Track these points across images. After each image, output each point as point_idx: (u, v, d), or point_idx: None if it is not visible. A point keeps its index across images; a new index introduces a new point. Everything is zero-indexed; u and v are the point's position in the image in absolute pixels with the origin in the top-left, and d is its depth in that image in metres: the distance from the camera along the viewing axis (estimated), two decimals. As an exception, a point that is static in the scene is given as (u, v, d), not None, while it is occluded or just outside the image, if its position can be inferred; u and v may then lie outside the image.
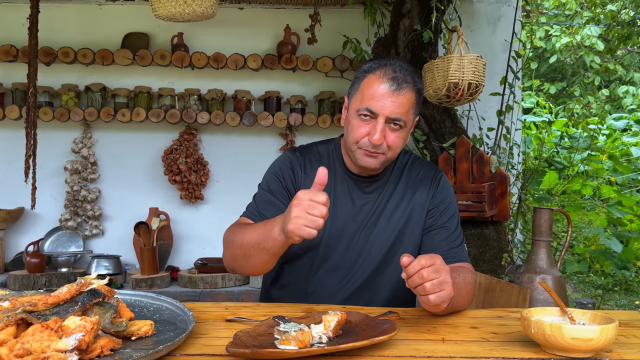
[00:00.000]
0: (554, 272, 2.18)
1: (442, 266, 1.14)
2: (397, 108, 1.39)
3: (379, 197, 1.55)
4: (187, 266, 3.53)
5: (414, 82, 1.43)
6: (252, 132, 3.65)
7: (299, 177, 1.55)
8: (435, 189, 1.57)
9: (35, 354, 0.83)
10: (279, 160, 1.60)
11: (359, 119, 1.42)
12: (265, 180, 1.58)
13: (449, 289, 1.13)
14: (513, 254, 3.27)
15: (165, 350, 0.93)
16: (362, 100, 1.42)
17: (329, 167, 1.56)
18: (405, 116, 1.41)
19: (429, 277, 1.11)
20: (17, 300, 1.01)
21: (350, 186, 1.55)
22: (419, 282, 1.12)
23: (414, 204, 1.55)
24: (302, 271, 1.55)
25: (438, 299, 1.12)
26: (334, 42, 3.46)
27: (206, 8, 2.54)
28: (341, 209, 1.53)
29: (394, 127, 1.41)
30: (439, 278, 1.12)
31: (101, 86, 3.49)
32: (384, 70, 1.41)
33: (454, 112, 3.23)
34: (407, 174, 1.58)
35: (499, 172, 3.08)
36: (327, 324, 1.03)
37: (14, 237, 3.58)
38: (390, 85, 1.39)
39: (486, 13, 3.66)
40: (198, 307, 1.34)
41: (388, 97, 1.39)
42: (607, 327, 0.99)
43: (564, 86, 8.38)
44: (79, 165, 3.52)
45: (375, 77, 1.41)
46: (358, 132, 1.43)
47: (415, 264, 1.12)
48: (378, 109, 1.39)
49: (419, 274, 1.12)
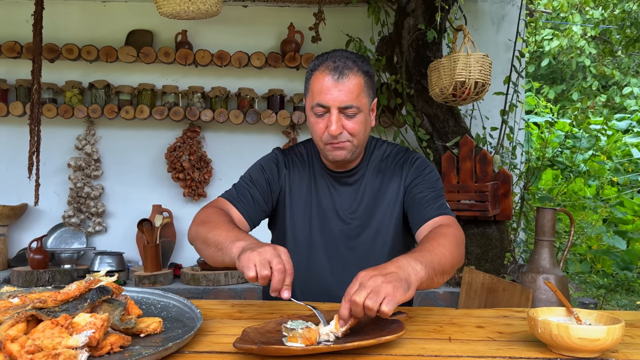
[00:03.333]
0: (556, 271, 2.18)
1: (367, 277, 1.05)
2: (345, 96, 1.41)
3: (359, 189, 1.58)
4: (189, 263, 3.54)
5: (358, 66, 1.44)
6: (256, 130, 3.65)
7: (282, 173, 1.60)
8: (410, 168, 1.57)
9: (47, 350, 0.84)
10: (265, 157, 1.66)
11: (315, 116, 1.46)
12: (248, 172, 1.63)
13: (390, 288, 1.02)
14: (515, 254, 3.27)
15: (174, 347, 0.93)
16: (312, 97, 1.46)
17: (309, 165, 1.62)
18: (356, 101, 1.43)
19: (362, 297, 1.01)
20: (27, 297, 1.02)
21: (330, 182, 1.59)
22: (360, 311, 1.01)
23: (391, 190, 1.57)
24: (296, 268, 1.56)
25: (390, 305, 1.00)
26: (338, 41, 3.46)
27: (210, 6, 2.55)
28: (324, 205, 1.57)
29: (349, 115, 1.43)
30: (372, 289, 1.02)
31: (105, 83, 3.49)
32: (325, 64, 1.44)
33: (457, 112, 3.23)
34: (385, 163, 1.60)
35: (502, 172, 3.08)
36: (338, 325, 1.03)
37: (18, 233, 3.58)
38: (333, 75, 1.41)
39: (490, 12, 3.66)
40: (204, 305, 1.34)
41: (334, 88, 1.41)
42: (614, 328, 0.99)
43: (563, 89, 8.39)
44: (83, 162, 3.53)
45: (319, 73, 1.44)
46: (317, 128, 1.46)
47: (343, 302, 1.04)
48: (327, 101, 1.42)
49: (353, 302, 1.02)
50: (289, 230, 1.58)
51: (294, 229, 1.58)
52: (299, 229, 1.58)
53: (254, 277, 1.12)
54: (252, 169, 1.63)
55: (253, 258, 1.13)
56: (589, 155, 5.19)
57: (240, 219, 1.52)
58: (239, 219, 1.52)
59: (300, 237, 1.57)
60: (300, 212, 1.58)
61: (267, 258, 1.13)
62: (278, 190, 1.60)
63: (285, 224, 1.59)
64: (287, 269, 1.14)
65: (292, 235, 1.58)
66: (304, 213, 1.58)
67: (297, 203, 1.59)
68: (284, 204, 1.60)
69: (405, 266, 1.12)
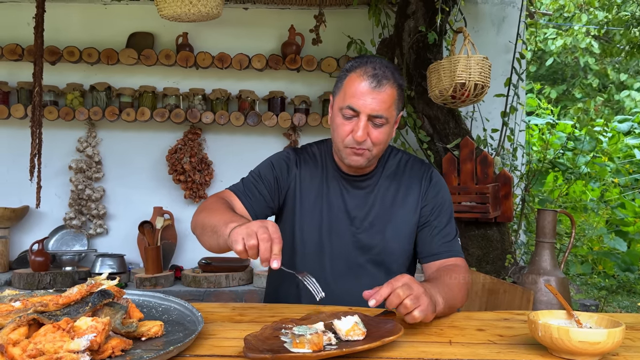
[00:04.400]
0: (557, 273, 2.18)
1: (412, 282, 1.17)
2: (377, 105, 1.41)
3: (371, 194, 1.58)
4: (190, 265, 3.54)
5: (395, 78, 1.45)
6: (256, 132, 3.65)
7: (292, 172, 1.59)
8: (428, 185, 1.59)
9: (48, 354, 0.84)
10: (277, 154, 1.66)
11: (342, 117, 1.45)
12: (258, 167, 1.63)
13: (426, 302, 1.16)
14: (516, 255, 3.27)
15: (175, 351, 0.94)
16: (344, 98, 1.44)
17: (321, 166, 1.61)
18: (387, 112, 1.43)
19: (405, 294, 1.14)
20: (29, 301, 1.02)
21: (342, 185, 1.58)
22: (397, 302, 1.14)
23: (408, 202, 1.57)
24: (301, 269, 1.56)
25: (422, 314, 1.14)
26: (339, 43, 3.46)
27: (211, 8, 2.55)
28: (335, 208, 1.56)
29: (376, 124, 1.43)
30: (414, 293, 1.15)
31: (106, 85, 3.50)
32: (364, 68, 1.43)
33: (458, 113, 3.23)
34: (399, 172, 1.61)
35: (502, 174, 3.08)
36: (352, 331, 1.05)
37: (19, 235, 3.59)
38: (371, 82, 1.41)
39: (490, 14, 3.67)
40: (205, 308, 1.35)
41: (369, 95, 1.41)
42: (615, 331, 0.99)
43: (565, 89, 8.39)
44: (84, 164, 3.54)
45: (356, 75, 1.43)
46: (342, 130, 1.45)
47: (385, 287, 1.15)
48: (359, 106, 1.41)
49: (395, 293, 1.14)
50: (297, 231, 1.57)
51: (302, 229, 1.57)
52: (307, 229, 1.57)
53: (243, 249, 1.14)
54: (262, 165, 1.62)
55: (241, 232, 1.16)
56: (590, 157, 5.19)
57: (243, 211, 1.52)
58: (242, 212, 1.51)
59: (307, 237, 1.56)
60: (308, 212, 1.57)
61: (254, 230, 1.15)
62: (286, 189, 1.59)
63: (294, 224, 1.58)
64: (273, 238, 1.14)
65: (300, 235, 1.57)
66: (312, 214, 1.57)
67: (306, 203, 1.57)
68: (292, 203, 1.59)
69: (434, 294, 1.24)
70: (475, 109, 3.43)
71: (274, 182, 1.58)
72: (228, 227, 1.23)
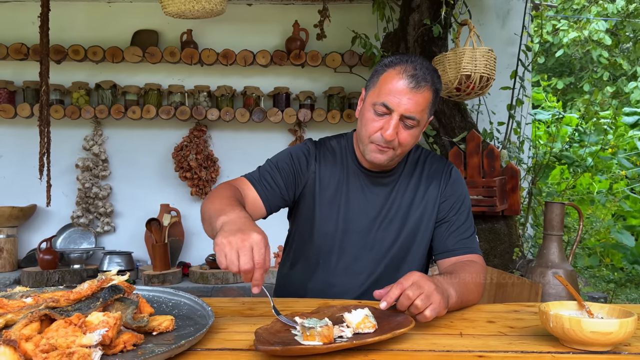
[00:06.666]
0: (565, 266, 2.17)
1: (422, 280, 1.14)
2: (412, 106, 1.38)
3: (391, 191, 1.56)
4: (198, 262, 3.55)
5: (433, 81, 1.41)
6: (262, 128, 3.65)
7: (311, 166, 1.56)
8: (447, 181, 1.57)
9: (61, 349, 0.84)
10: (296, 146, 1.62)
11: (373, 113, 1.42)
12: (276, 157, 1.59)
13: (438, 299, 1.13)
14: (524, 249, 3.26)
15: (186, 345, 0.94)
16: (379, 94, 1.41)
17: (341, 161, 1.57)
18: (420, 115, 1.40)
19: (415, 294, 1.11)
20: (40, 297, 1.03)
21: (363, 181, 1.56)
22: (407, 303, 1.12)
23: (427, 199, 1.56)
24: (315, 266, 1.56)
25: (433, 312, 1.12)
26: (343, 38, 3.45)
27: (215, 5, 2.55)
28: (354, 204, 1.54)
29: (407, 125, 1.40)
30: (424, 292, 1.12)
31: (111, 84, 3.50)
32: (404, 67, 1.39)
33: (464, 107, 3.22)
34: (420, 168, 1.59)
35: (509, 167, 3.07)
36: (362, 324, 1.05)
37: (27, 234, 3.61)
38: (409, 82, 1.37)
39: (495, 7, 3.64)
40: (215, 303, 1.35)
41: (405, 94, 1.37)
42: (627, 321, 0.99)
43: (572, 81, 8.33)
44: (90, 163, 3.55)
45: (395, 73, 1.39)
46: (372, 125, 1.42)
47: (395, 288, 1.13)
48: (394, 105, 1.38)
49: (405, 295, 1.12)
50: (315, 227, 1.55)
51: (320, 226, 1.54)
52: (325, 226, 1.54)
53: (225, 267, 1.10)
54: (280, 155, 1.59)
55: (224, 248, 1.08)
56: (596, 149, 5.16)
57: (256, 200, 1.48)
58: (255, 200, 1.48)
59: (325, 234, 1.54)
60: (327, 209, 1.54)
61: (237, 250, 1.07)
62: (304, 183, 1.56)
63: (313, 221, 1.55)
64: (255, 262, 1.08)
65: (318, 232, 1.54)
66: (330, 210, 1.54)
67: (324, 199, 1.55)
68: (310, 198, 1.56)
69: (446, 288, 1.22)
70: (481, 102, 3.41)
71: (292, 174, 1.54)
72: (219, 221, 1.18)
